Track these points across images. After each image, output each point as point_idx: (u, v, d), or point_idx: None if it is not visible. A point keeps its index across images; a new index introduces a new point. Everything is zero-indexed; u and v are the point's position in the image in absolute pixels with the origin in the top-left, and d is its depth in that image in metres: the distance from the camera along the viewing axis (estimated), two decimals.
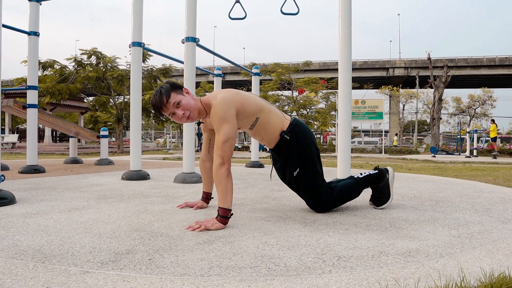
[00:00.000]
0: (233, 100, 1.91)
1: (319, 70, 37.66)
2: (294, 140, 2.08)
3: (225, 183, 1.84)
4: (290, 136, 2.07)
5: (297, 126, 2.11)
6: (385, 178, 2.30)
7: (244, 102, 1.96)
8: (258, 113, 2.02)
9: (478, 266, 1.30)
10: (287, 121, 2.11)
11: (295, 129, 2.09)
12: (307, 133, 2.14)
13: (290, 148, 2.08)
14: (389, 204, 2.32)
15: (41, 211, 2.19)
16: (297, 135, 2.09)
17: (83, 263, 1.29)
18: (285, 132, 2.07)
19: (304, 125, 2.17)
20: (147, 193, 2.93)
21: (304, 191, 2.17)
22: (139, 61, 3.94)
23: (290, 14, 4.32)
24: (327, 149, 17.79)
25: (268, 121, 2.05)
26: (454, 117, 35.18)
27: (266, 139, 2.12)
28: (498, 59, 38.41)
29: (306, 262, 1.33)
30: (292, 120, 2.14)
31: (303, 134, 2.11)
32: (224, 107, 1.87)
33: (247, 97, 2.00)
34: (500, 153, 14.39)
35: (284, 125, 2.09)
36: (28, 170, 4.52)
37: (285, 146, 2.09)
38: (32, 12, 4.48)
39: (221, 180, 1.84)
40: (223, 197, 1.83)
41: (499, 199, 2.75)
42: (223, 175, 1.84)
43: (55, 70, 13.72)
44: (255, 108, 2.01)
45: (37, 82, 4.69)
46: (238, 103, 1.92)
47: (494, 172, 6.21)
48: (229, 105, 1.89)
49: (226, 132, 1.85)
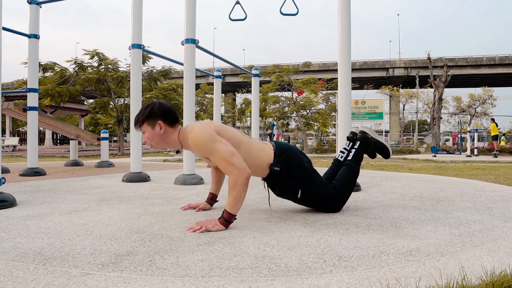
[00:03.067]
0: (208, 126, 1.91)
1: (319, 71, 37.72)
2: (285, 169, 2.04)
3: (240, 192, 1.80)
4: (280, 167, 2.03)
5: (283, 153, 2.06)
6: (370, 140, 2.35)
7: (220, 130, 1.92)
8: (237, 148, 1.91)
9: (479, 264, 1.30)
10: (271, 151, 2.05)
11: (282, 157, 2.04)
12: (294, 154, 2.09)
13: (284, 177, 2.06)
14: (390, 148, 2.42)
15: (41, 214, 2.19)
16: (286, 162, 2.04)
17: (84, 265, 1.29)
18: (274, 165, 2.02)
19: (288, 148, 2.12)
20: (148, 195, 2.93)
21: (315, 204, 2.19)
22: (139, 63, 3.94)
23: (289, 14, 4.32)
24: (328, 150, 17.78)
25: (249, 157, 1.96)
26: (455, 117, 35.18)
27: (254, 173, 2.05)
28: (498, 58, 38.42)
29: (307, 262, 1.32)
30: (275, 148, 2.07)
31: (291, 159, 2.07)
32: (204, 133, 1.86)
33: (223, 127, 1.97)
34: (501, 152, 14.37)
35: (270, 157, 2.03)
36: (29, 172, 4.52)
37: (278, 177, 2.06)
38: (32, 15, 4.49)
39: (237, 187, 1.80)
40: (234, 204, 1.81)
41: (500, 198, 2.75)
42: (242, 184, 1.80)
43: (55, 72, 13.74)
44: (233, 142, 1.91)
45: (37, 84, 4.69)
46: (215, 128, 1.90)
47: (495, 171, 6.20)
48: (207, 131, 1.87)
49: (222, 149, 1.82)
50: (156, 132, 1.95)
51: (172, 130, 1.97)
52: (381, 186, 3.48)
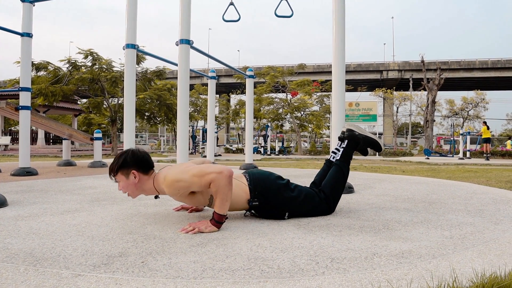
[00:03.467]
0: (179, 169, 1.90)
1: (314, 72, 37.81)
2: (263, 201, 2.02)
3: (225, 191, 1.80)
4: (259, 200, 2.02)
5: (258, 186, 2.02)
6: (358, 137, 2.35)
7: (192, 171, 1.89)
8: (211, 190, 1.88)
9: (470, 266, 1.31)
10: (246, 187, 2.02)
11: (258, 190, 2.01)
12: (269, 184, 2.05)
13: (265, 208, 2.05)
14: (381, 141, 2.42)
15: (33, 214, 2.17)
16: (263, 195, 2.02)
17: (75, 266, 1.28)
18: (251, 200, 2.01)
19: (262, 178, 2.07)
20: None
21: (306, 215, 2.17)
22: (133, 63, 3.93)
23: (284, 16, 4.33)
24: (322, 152, 17.82)
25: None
26: (448, 119, 35.45)
27: (236, 208, 2.04)
28: (491, 62, 38.79)
29: (299, 264, 1.33)
30: (249, 183, 2.03)
31: (267, 190, 2.03)
32: (174, 173, 1.85)
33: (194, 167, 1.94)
34: (492, 155, 14.50)
35: (246, 193, 2.01)
36: (21, 172, 4.48)
37: (258, 208, 2.05)
38: (25, 13, 4.46)
39: (221, 188, 1.80)
40: (221, 204, 1.81)
41: (491, 200, 2.77)
42: (225, 184, 1.80)
43: (48, 71, 13.63)
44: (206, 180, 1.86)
45: (30, 83, 4.66)
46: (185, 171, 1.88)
47: (487, 173, 6.26)
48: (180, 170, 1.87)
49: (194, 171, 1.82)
50: (130, 182, 1.92)
51: (147, 177, 1.94)
52: (374, 188, 3.50)
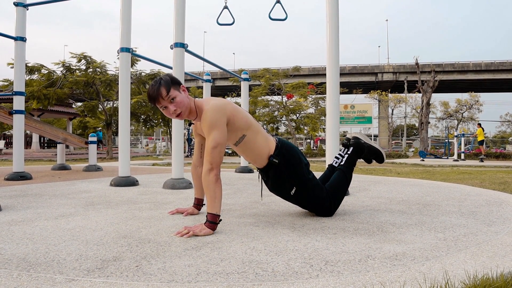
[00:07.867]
0: (225, 108, 1.91)
1: (309, 75, 37.85)
2: (283, 163, 2.07)
3: (214, 188, 1.84)
4: (279, 160, 2.06)
5: (283, 147, 2.09)
6: (363, 145, 2.38)
7: (236, 114, 1.95)
8: (246, 130, 1.99)
9: (463, 268, 1.32)
10: (273, 143, 2.09)
11: (283, 151, 2.08)
12: (294, 152, 2.13)
13: (280, 171, 2.08)
14: (384, 152, 2.43)
15: (27, 219, 2.16)
16: (285, 157, 2.07)
17: (69, 271, 1.28)
18: (273, 156, 2.06)
19: (289, 145, 2.16)
20: (136, 200, 2.91)
21: (307, 204, 2.21)
22: (128, 66, 3.92)
23: (278, 19, 4.35)
24: (317, 154, 17.85)
25: (254, 142, 2.03)
26: (442, 121, 35.65)
27: (253, 160, 2.10)
28: (484, 64, 39.06)
29: (293, 267, 1.33)
30: (277, 142, 2.11)
31: (291, 155, 2.10)
32: (216, 113, 1.87)
33: (238, 110, 1.99)
34: (487, 157, 14.60)
35: (271, 149, 2.07)
36: (15, 177, 4.45)
37: (274, 169, 2.09)
38: (18, 17, 4.44)
39: (210, 185, 1.84)
40: (211, 203, 1.84)
41: (484, 202, 2.79)
42: (212, 181, 1.85)
43: (42, 74, 13.57)
44: (244, 124, 1.98)
45: (23, 87, 4.64)
46: (229, 112, 1.92)
47: (481, 175, 6.30)
48: (221, 113, 1.88)
49: (215, 138, 1.86)
50: (185, 96, 1.92)
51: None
52: (369, 190, 3.51)
